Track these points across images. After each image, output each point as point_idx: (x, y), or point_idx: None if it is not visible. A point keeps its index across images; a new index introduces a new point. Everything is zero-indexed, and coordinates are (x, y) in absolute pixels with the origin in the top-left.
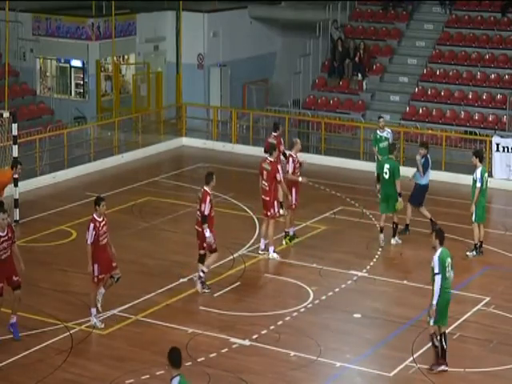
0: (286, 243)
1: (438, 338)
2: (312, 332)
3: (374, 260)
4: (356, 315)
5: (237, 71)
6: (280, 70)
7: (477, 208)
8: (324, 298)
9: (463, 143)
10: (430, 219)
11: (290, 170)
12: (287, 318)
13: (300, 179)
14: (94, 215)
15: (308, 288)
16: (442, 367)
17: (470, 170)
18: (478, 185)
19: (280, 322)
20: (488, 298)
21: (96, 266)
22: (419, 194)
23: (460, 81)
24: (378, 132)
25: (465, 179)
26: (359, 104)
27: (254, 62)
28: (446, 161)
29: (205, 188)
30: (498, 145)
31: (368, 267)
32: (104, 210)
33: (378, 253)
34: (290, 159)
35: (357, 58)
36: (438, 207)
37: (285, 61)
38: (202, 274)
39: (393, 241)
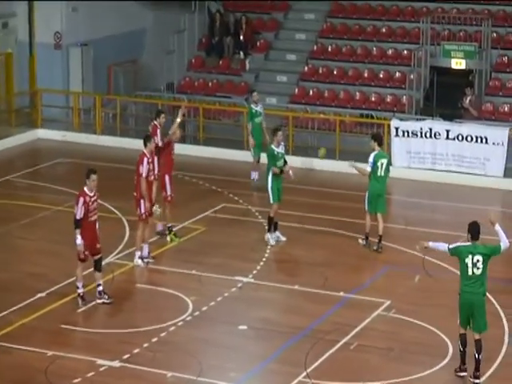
0: (172, 240)
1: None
2: (192, 348)
3: (261, 263)
4: (241, 327)
5: (100, 51)
6: (151, 49)
7: (369, 196)
8: (205, 308)
9: (359, 128)
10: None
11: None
12: (163, 334)
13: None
14: (85, 189)
15: (186, 298)
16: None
17: (367, 158)
18: (368, 169)
19: (155, 339)
20: (388, 302)
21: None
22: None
23: (354, 57)
24: (252, 106)
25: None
26: (242, 86)
27: (120, 40)
28: (341, 148)
29: (84, 188)
30: (397, 129)
31: (254, 272)
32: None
33: (266, 255)
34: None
35: (238, 34)
36: (331, 201)
37: (156, 38)
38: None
39: (269, 237)
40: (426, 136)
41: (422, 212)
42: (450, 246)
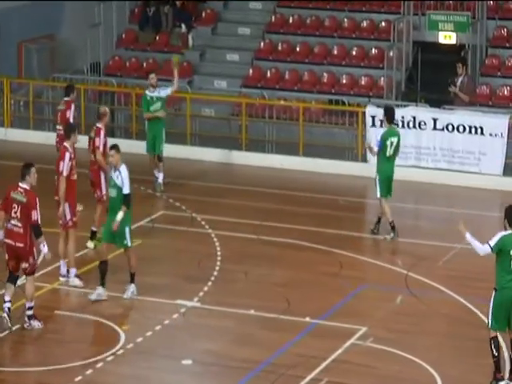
0: (95, 246)
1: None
2: None
3: (209, 283)
4: (185, 362)
5: (8, 25)
6: (71, 22)
7: (381, 180)
8: (140, 340)
9: (327, 117)
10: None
11: (102, 148)
12: (88, 372)
13: None
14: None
15: (117, 328)
16: None
17: (337, 153)
18: (375, 149)
19: (79, 378)
20: (364, 329)
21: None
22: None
23: (321, 30)
24: (147, 92)
25: (331, 166)
26: (184, 67)
27: (32, 11)
28: (305, 141)
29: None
30: (373, 118)
31: (201, 294)
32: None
33: (215, 273)
34: (102, 133)
35: (179, 2)
36: (295, 206)
37: (77, 9)
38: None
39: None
40: (408, 126)
41: (404, 219)
42: (492, 243)
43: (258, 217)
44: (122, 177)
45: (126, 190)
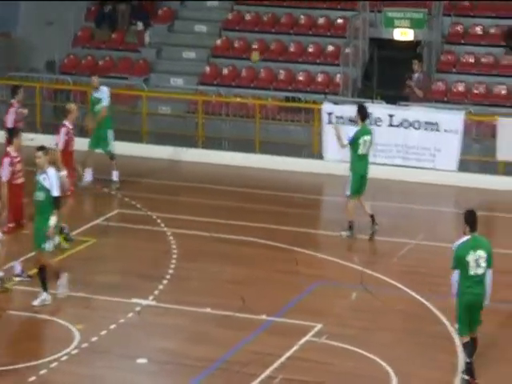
0: (60, 243)
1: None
2: None
3: (165, 282)
4: (140, 360)
5: None
6: (27, 21)
7: (353, 179)
8: (95, 339)
9: (283, 114)
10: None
11: (61, 146)
12: (42, 372)
13: None
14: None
15: (72, 327)
16: None
17: (294, 150)
18: (345, 143)
19: (32, 378)
20: (320, 325)
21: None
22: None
23: (277, 28)
24: (93, 93)
25: (287, 163)
26: (140, 65)
27: None
28: (261, 139)
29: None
30: (330, 114)
31: (156, 292)
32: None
33: (170, 271)
34: (63, 130)
35: (135, 0)
36: (248, 203)
37: (33, 7)
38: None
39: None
40: None
41: (359, 215)
42: (453, 265)
43: (214, 214)
44: (50, 179)
45: (56, 193)
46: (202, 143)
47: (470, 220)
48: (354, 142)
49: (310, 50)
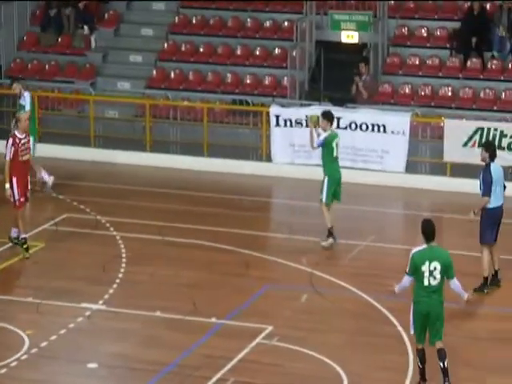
0: (23, 254)
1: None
2: None
3: (114, 286)
4: (91, 365)
5: None
6: None
7: (329, 183)
8: (44, 344)
9: (231, 117)
10: None
11: (8, 156)
12: None
13: None
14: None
15: (21, 332)
16: None
17: (242, 153)
18: (315, 146)
19: None
20: (270, 328)
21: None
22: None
23: (224, 31)
24: (19, 100)
25: (236, 166)
26: (87, 69)
27: None
28: (210, 142)
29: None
30: (277, 117)
31: (106, 297)
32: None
33: (120, 275)
34: (10, 140)
35: (81, 4)
36: (198, 207)
37: None
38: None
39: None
40: None
41: (308, 218)
42: (407, 270)
43: (163, 218)
44: None
45: None
46: (150, 147)
47: (427, 230)
48: (326, 146)
49: (257, 52)
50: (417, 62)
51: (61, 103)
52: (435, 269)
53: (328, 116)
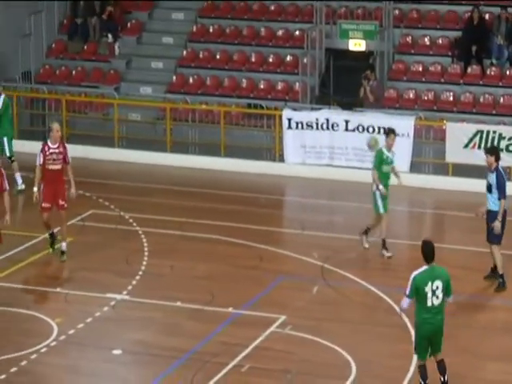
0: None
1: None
2: (58, 379)
3: (137, 278)
4: (116, 351)
5: None
6: (2, 32)
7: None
8: (72, 331)
9: (247, 120)
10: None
11: (38, 162)
12: (23, 363)
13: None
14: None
15: (50, 320)
16: None
17: (257, 154)
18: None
19: (14, 369)
20: (283, 317)
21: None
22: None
23: (240, 39)
24: None
25: (251, 166)
26: (111, 74)
27: None
28: (226, 143)
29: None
30: (289, 120)
31: (130, 288)
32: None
33: (143, 268)
34: (40, 148)
35: (105, 14)
36: (217, 204)
37: (8, 20)
38: None
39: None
40: (322, 128)
41: (319, 214)
42: (407, 292)
43: (183, 214)
44: None
45: None
46: (171, 148)
47: (426, 251)
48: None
49: (271, 59)
50: (420, 69)
51: (87, 107)
52: (437, 288)
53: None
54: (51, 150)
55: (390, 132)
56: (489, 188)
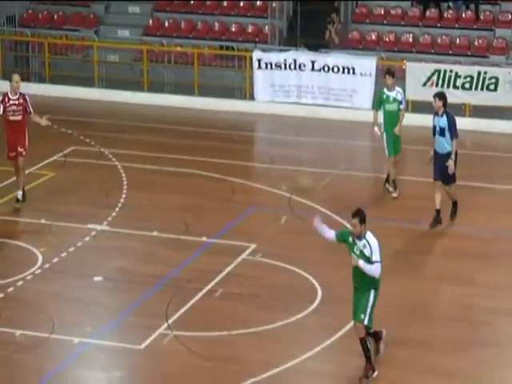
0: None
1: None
2: (43, 304)
3: (117, 209)
4: (97, 278)
5: None
6: None
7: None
8: (56, 260)
9: (219, 61)
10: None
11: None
12: (10, 290)
13: None
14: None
15: (35, 249)
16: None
17: (229, 93)
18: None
19: (1, 295)
20: (254, 245)
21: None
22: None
23: None
24: None
25: (223, 104)
26: (91, 18)
27: None
28: (200, 83)
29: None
30: (259, 61)
31: (109, 219)
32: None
33: (121, 200)
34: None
35: None
36: (195, 141)
37: None
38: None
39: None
40: (290, 68)
41: (287, 149)
42: (377, 258)
43: (159, 150)
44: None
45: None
46: (148, 87)
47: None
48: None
49: (241, 4)
50: (382, 12)
51: (68, 49)
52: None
53: (391, 73)
54: (11, 102)
55: (385, 73)
56: (441, 132)
